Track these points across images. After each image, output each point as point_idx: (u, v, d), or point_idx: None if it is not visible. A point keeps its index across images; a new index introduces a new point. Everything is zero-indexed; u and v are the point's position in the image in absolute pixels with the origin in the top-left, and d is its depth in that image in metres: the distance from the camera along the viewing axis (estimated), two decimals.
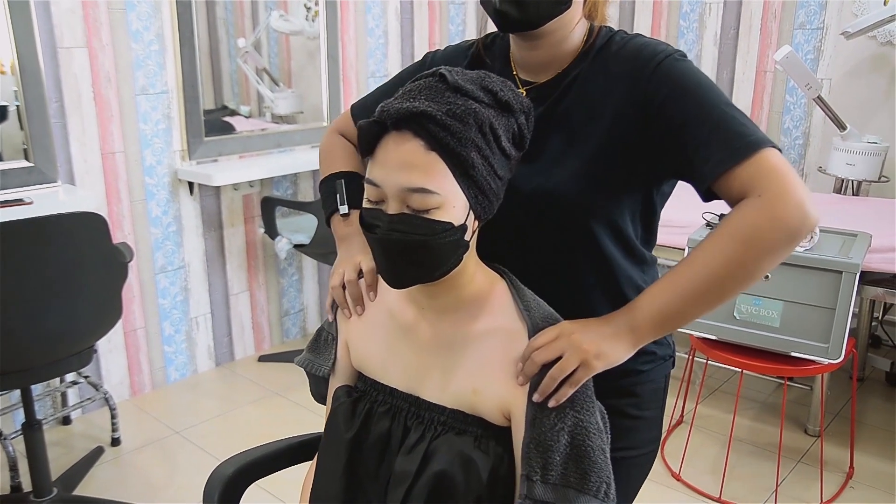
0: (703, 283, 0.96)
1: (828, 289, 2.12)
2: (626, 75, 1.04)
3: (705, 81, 1.02)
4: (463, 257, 0.98)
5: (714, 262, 0.96)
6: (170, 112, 2.88)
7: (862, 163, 2.97)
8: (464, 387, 1.02)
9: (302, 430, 1.40)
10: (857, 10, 3.15)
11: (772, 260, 0.95)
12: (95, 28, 2.61)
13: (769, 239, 0.93)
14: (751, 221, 0.94)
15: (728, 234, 0.95)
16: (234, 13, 3.21)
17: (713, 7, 3.53)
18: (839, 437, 2.69)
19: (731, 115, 0.98)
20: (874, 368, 3.18)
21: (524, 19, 1.04)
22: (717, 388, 3.08)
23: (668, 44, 1.06)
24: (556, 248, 1.11)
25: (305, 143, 3.41)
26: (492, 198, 0.97)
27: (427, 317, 1.06)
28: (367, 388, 1.11)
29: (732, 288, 0.97)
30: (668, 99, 1.00)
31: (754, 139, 0.96)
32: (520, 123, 0.99)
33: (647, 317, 0.99)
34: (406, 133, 0.92)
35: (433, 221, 0.92)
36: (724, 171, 0.96)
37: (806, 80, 2.87)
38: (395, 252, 0.95)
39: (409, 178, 0.92)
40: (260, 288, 3.37)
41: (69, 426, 2.79)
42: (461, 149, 0.92)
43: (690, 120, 0.99)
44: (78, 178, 2.66)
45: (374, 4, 3.54)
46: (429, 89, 0.95)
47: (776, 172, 0.94)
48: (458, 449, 0.99)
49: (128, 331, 2.92)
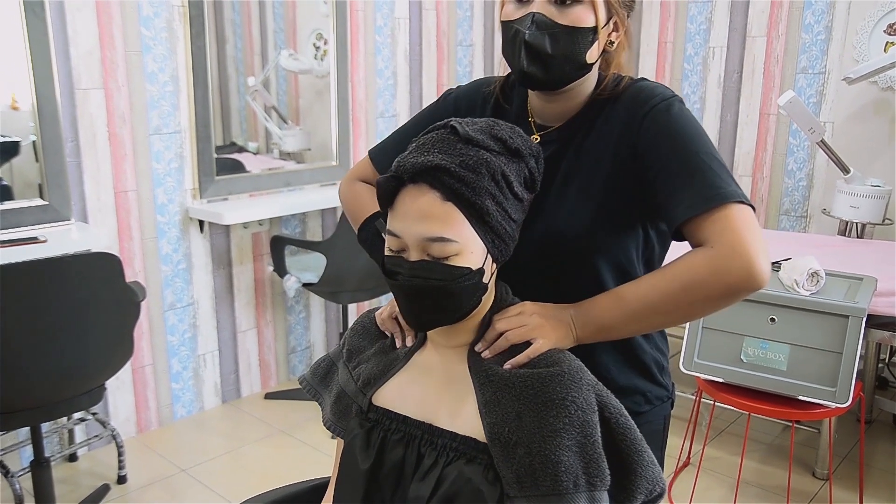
0: (642, 309, 1.04)
1: (834, 333, 2.13)
2: (624, 118, 1.10)
3: (691, 129, 1.06)
4: (482, 299, 1.03)
5: (655, 295, 1.03)
6: (182, 151, 2.93)
7: (865, 206, 3.00)
8: (475, 410, 1.04)
9: (308, 468, 1.41)
10: (857, 56, 3.20)
11: (707, 308, 1.02)
12: (112, 70, 2.67)
13: (707, 289, 0.99)
14: (694, 269, 1.00)
15: (672, 274, 1.03)
16: (243, 51, 3.28)
17: (717, 51, 3.60)
18: (847, 481, 2.68)
19: (708, 164, 1.03)
20: (881, 411, 3.18)
21: (548, 80, 1.10)
22: (724, 429, 3.07)
23: (666, 88, 1.11)
24: (559, 284, 1.14)
25: (314, 181, 3.45)
26: (507, 240, 1.02)
27: (443, 351, 1.10)
28: (380, 416, 1.13)
29: (667, 322, 1.06)
30: (652, 143, 1.06)
31: (724, 192, 1.00)
32: (530, 167, 1.04)
33: (588, 322, 1.07)
34: (423, 186, 0.97)
35: (452, 267, 0.97)
36: (690, 217, 1.01)
37: (809, 124, 2.91)
38: (417, 297, 0.99)
39: (428, 228, 0.96)
40: (268, 325, 3.38)
41: (75, 463, 2.78)
42: (476, 198, 0.96)
43: (670, 165, 1.04)
44: (91, 216, 2.70)
45: (384, 46, 3.61)
46: (441, 142, 0.99)
47: (734, 229, 0.99)
48: (466, 477, 1.00)
49: (136, 368, 2.93)
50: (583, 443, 0.97)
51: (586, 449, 0.97)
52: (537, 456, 0.96)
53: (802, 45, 3.35)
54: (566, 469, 0.96)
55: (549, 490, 0.96)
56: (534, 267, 1.13)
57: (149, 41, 2.75)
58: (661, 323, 1.08)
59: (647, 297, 1.03)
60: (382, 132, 3.69)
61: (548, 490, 0.96)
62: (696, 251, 1.01)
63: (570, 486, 0.96)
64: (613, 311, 1.06)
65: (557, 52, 1.07)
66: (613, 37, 1.13)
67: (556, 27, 1.06)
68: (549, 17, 1.06)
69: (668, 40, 3.74)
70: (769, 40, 3.43)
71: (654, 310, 1.03)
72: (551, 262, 1.13)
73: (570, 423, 0.97)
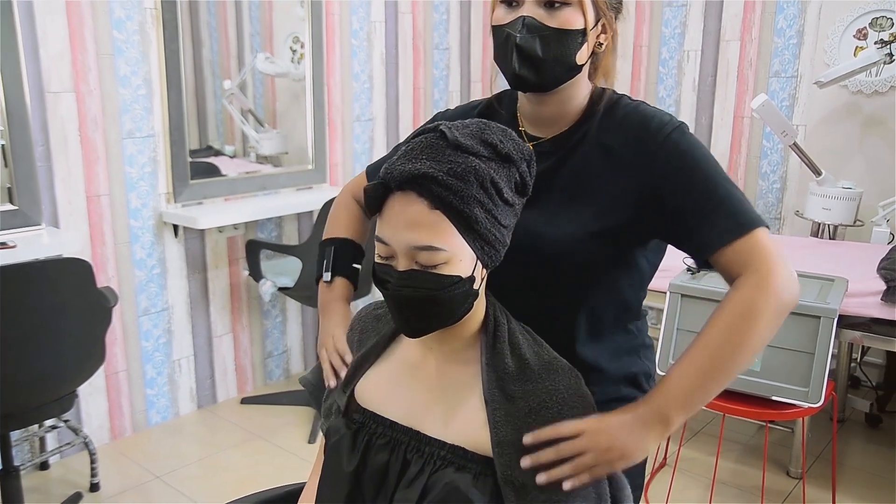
0: (710, 359, 1.02)
1: (807, 333, 2.15)
2: (633, 144, 1.10)
3: (710, 157, 1.09)
4: (473, 305, 1.03)
5: (718, 337, 1.02)
6: (156, 155, 2.90)
7: (837, 207, 3.04)
8: (471, 420, 1.04)
9: (284, 474, 1.40)
10: (828, 60, 3.25)
11: (767, 330, 1.02)
12: (83, 73, 2.63)
13: (763, 310, 1.01)
14: (748, 295, 1.02)
15: (727, 310, 1.03)
16: (220, 54, 3.25)
17: (691, 55, 3.63)
18: (821, 479, 2.71)
19: (731, 192, 1.06)
20: (854, 410, 3.21)
21: (540, 82, 1.11)
22: (700, 429, 3.09)
23: (671, 114, 1.13)
24: (545, 295, 1.14)
25: (290, 185, 3.43)
26: (498, 247, 1.02)
27: (434, 356, 1.09)
28: (366, 419, 1.12)
29: (736, 360, 1.02)
30: (676, 171, 1.07)
31: (753, 217, 1.05)
32: (521, 172, 1.02)
33: (674, 400, 1.02)
34: (410, 194, 0.96)
35: (441, 276, 0.96)
36: (725, 244, 1.04)
37: (782, 127, 2.94)
38: (407, 306, 0.99)
39: (415, 236, 0.95)
40: (243, 330, 3.36)
41: (47, 471, 2.74)
42: (464, 206, 0.95)
43: (697, 193, 1.06)
44: (62, 221, 2.66)
45: (360, 49, 3.60)
46: (430, 148, 0.98)
47: (769, 251, 1.03)
48: (455, 485, 1.00)
49: (109, 374, 2.89)
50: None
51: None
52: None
53: (775, 48, 3.39)
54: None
55: None
56: (522, 277, 1.13)
57: (121, 44, 2.72)
58: (730, 367, 1.02)
59: (709, 344, 1.02)
60: (359, 135, 3.68)
61: None
62: (740, 283, 1.03)
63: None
64: (687, 378, 1.02)
65: (548, 55, 1.08)
66: (602, 38, 1.14)
67: (545, 30, 1.07)
68: (539, 20, 1.07)
69: (643, 44, 3.76)
70: (742, 44, 3.47)
71: (721, 354, 1.01)
72: (539, 271, 1.13)
73: None
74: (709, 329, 1.03)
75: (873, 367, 3.40)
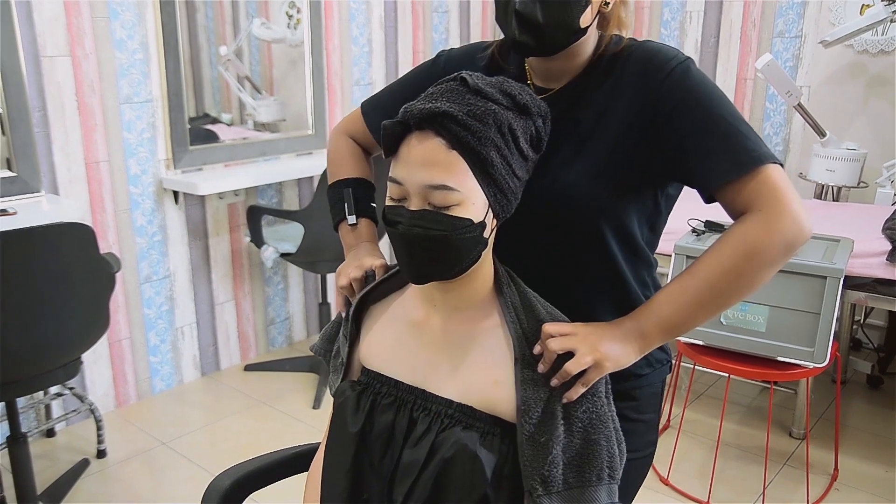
0: (705, 292, 1.01)
1: (812, 294, 2.15)
2: (637, 79, 1.07)
3: (716, 92, 1.05)
4: (481, 255, 1.01)
5: (716, 272, 1.01)
6: (154, 121, 2.86)
7: (841, 169, 3.02)
8: (480, 380, 1.04)
9: (289, 438, 1.40)
10: (833, 19, 3.20)
11: (769, 271, 1.01)
12: (79, 37, 2.59)
13: (767, 252, 0.99)
14: (751, 235, 0.99)
15: (730, 247, 1.01)
16: (215, 20, 3.20)
17: (694, 16, 3.58)
18: (823, 440, 2.73)
19: (737, 127, 1.02)
20: (856, 371, 3.23)
21: (541, 48, 1.07)
22: (703, 392, 3.11)
23: (678, 50, 1.09)
24: (562, 247, 1.12)
25: (290, 151, 3.40)
26: (510, 197, 1.01)
27: (439, 313, 1.08)
28: (371, 380, 1.12)
29: (732, 297, 1.02)
30: (679, 106, 1.03)
31: (759, 154, 1.00)
32: (537, 126, 1.02)
33: (654, 323, 1.04)
34: (428, 132, 0.96)
35: (454, 218, 0.96)
36: (728, 182, 1.01)
37: (786, 87, 2.91)
38: (417, 247, 0.98)
39: (430, 175, 0.95)
40: (245, 297, 3.35)
41: (53, 438, 2.75)
42: (481, 147, 0.95)
43: (699, 129, 1.02)
44: (62, 188, 2.64)
45: (358, 13, 3.54)
46: (450, 92, 0.98)
47: (776, 188, 0.99)
48: (463, 443, 1.00)
49: (113, 341, 2.89)
50: (609, 437, 1.02)
51: (610, 442, 1.02)
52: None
53: (779, 8, 3.34)
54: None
55: (575, 483, 1.00)
56: (535, 229, 1.11)
57: (116, 7, 2.67)
58: (724, 303, 1.02)
59: (708, 278, 1.01)
60: (358, 100, 3.63)
61: (573, 483, 1.00)
62: (745, 219, 1.00)
63: (593, 478, 1.00)
64: (674, 303, 1.03)
65: (549, 20, 1.03)
66: None
67: None
68: None
69: (644, 5, 3.71)
70: (746, 4, 3.42)
71: (719, 287, 1.01)
72: (554, 223, 1.11)
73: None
74: (708, 262, 1.02)
75: (875, 329, 3.42)
